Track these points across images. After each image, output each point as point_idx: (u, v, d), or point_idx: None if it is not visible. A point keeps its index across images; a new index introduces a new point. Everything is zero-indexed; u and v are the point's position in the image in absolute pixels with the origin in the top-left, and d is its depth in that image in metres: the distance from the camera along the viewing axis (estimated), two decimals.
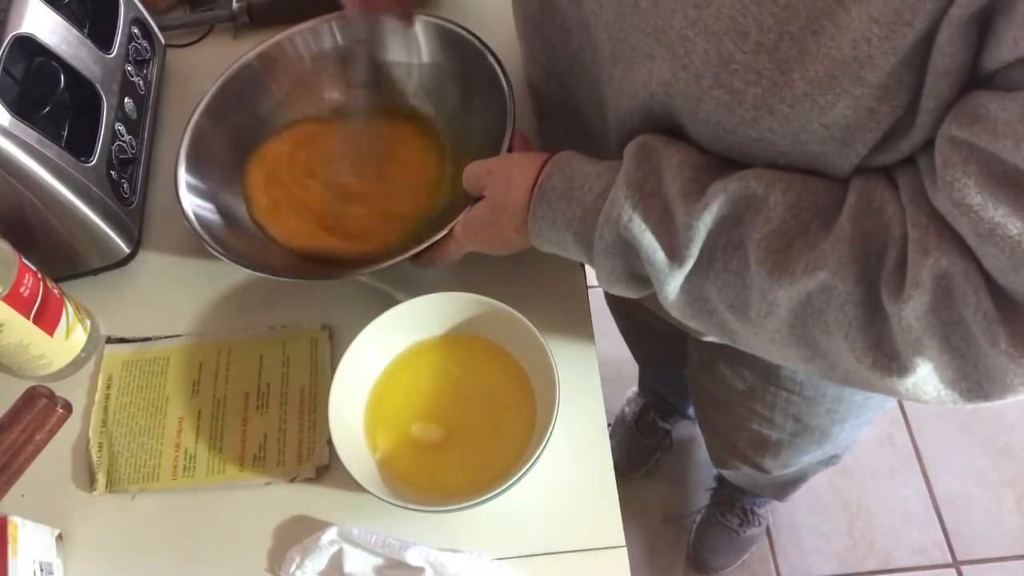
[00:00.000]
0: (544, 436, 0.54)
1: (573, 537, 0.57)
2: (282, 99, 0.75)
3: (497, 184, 0.56)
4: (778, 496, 1.27)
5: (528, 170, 0.54)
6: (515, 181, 0.55)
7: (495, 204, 0.56)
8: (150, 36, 0.80)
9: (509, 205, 0.55)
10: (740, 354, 0.73)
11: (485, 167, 0.58)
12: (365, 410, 0.61)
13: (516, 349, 0.61)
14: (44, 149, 0.61)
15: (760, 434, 0.88)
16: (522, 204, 0.54)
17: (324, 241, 0.68)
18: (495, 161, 0.58)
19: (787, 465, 0.99)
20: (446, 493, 0.57)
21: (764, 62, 0.39)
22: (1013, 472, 1.45)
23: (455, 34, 0.70)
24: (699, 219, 0.45)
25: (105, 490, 0.62)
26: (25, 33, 0.62)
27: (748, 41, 0.39)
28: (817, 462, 1.04)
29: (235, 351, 0.67)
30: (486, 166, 0.58)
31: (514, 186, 0.54)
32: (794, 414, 0.81)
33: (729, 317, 0.48)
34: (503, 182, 0.56)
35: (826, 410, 0.78)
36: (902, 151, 0.42)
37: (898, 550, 1.40)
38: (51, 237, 0.66)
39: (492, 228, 0.57)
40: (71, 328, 0.65)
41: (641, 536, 1.44)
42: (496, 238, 0.58)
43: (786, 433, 0.86)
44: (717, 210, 0.45)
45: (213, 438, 0.63)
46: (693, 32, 0.41)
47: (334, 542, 0.57)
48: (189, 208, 0.65)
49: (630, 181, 0.47)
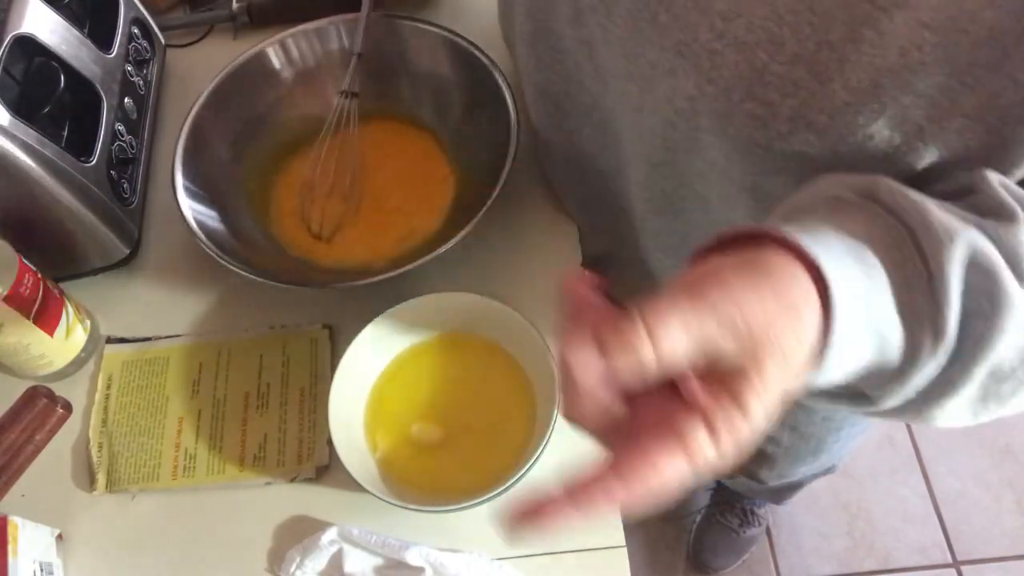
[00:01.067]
0: (544, 436, 0.54)
1: (573, 537, 0.57)
2: (281, 99, 0.75)
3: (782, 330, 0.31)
4: (775, 500, 1.28)
5: (795, 285, 0.31)
6: (794, 302, 0.31)
7: None
8: (150, 36, 0.80)
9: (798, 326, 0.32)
10: None
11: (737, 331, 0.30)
12: (365, 410, 0.61)
13: (516, 349, 0.61)
14: (44, 149, 0.61)
15: (756, 446, 0.88)
16: (812, 325, 0.31)
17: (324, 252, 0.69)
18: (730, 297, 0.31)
19: (782, 476, 0.99)
20: (446, 493, 0.57)
21: (801, 73, 0.38)
22: (1013, 472, 1.45)
23: (460, 47, 0.70)
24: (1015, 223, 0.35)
25: (105, 490, 0.62)
26: (25, 33, 0.62)
27: (784, 52, 0.38)
28: (813, 474, 1.04)
29: (235, 351, 0.67)
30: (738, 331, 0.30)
31: (796, 307, 0.31)
32: (791, 424, 0.80)
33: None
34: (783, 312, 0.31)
35: (822, 418, 0.78)
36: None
37: (898, 550, 1.40)
38: (51, 237, 0.66)
39: None
40: (71, 328, 0.65)
41: (641, 536, 1.44)
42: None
43: (782, 446, 0.85)
44: None
45: (213, 438, 0.63)
46: (721, 44, 0.39)
47: (334, 542, 0.57)
48: (187, 209, 0.65)
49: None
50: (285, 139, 0.75)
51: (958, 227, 0.34)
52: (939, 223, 0.34)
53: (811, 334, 0.30)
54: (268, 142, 0.74)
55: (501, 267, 0.68)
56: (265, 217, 0.72)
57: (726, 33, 0.39)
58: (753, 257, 0.31)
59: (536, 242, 0.69)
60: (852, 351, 0.32)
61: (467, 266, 0.67)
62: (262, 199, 0.73)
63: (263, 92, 0.74)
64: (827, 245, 0.32)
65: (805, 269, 0.31)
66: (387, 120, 0.75)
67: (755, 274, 0.30)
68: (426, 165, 0.73)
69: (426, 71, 0.73)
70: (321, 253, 0.70)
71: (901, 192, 0.36)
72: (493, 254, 0.68)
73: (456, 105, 0.73)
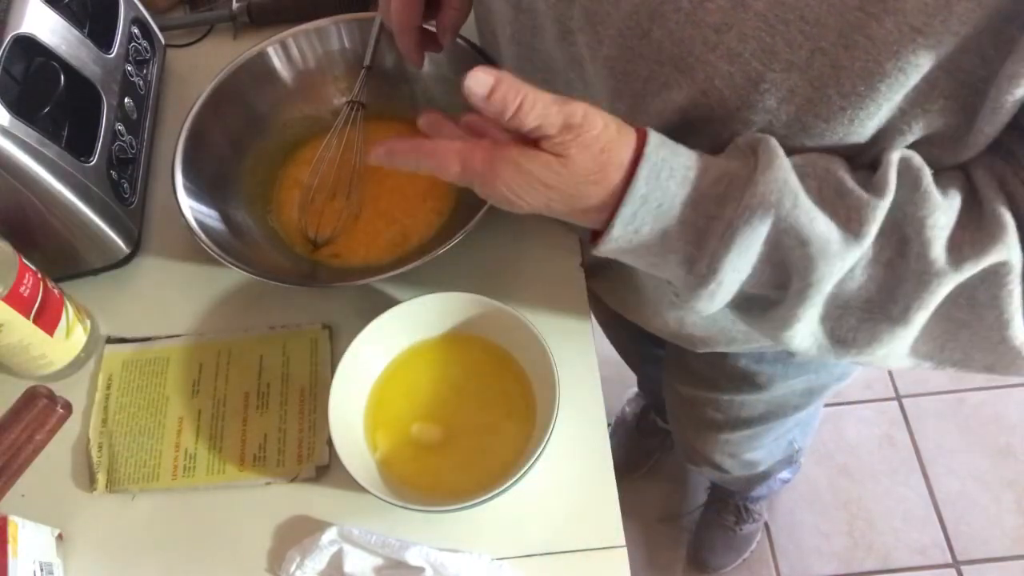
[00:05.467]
0: (544, 436, 0.54)
1: (573, 537, 0.57)
2: (281, 99, 0.75)
3: (588, 149, 0.41)
4: (746, 490, 1.29)
5: (627, 143, 0.41)
6: (614, 152, 0.41)
7: (581, 172, 0.41)
8: (150, 36, 0.80)
9: (605, 179, 0.41)
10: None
11: (566, 113, 0.41)
12: (365, 410, 0.61)
13: (516, 349, 0.61)
14: (44, 149, 0.61)
15: (712, 420, 0.91)
16: (617, 183, 0.41)
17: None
18: (580, 113, 0.41)
19: (745, 465, 1.04)
20: (446, 493, 0.57)
21: (796, 80, 0.38)
22: (1013, 472, 1.45)
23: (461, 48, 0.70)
24: (881, 199, 0.39)
25: (105, 490, 0.62)
26: (25, 33, 0.62)
27: (778, 60, 0.38)
28: (775, 460, 1.08)
29: (235, 351, 0.67)
30: (568, 113, 0.41)
31: (612, 159, 0.41)
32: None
33: (856, 321, 0.43)
34: (597, 150, 0.41)
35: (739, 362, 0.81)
36: (973, 150, 0.41)
37: (898, 550, 1.40)
38: (51, 237, 0.66)
39: (552, 192, 0.42)
40: (71, 328, 0.65)
41: (641, 536, 1.44)
42: (548, 199, 0.43)
43: (737, 417, 0.89)
44: (894, 188, 0.40)
45: (213, 438, 0.63)
46: (715, 56, 0.40)
47: (334, 542, 0.57)
48: (187, 209, 0.65)
49: (786, 164, 0.40)
50: (285, 138, 0.75)
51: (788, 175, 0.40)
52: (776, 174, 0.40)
53: (609, 171, 0.41)
54: (268, 142, 0.74)
55: (501, 267, 0.68)
56: (265, 217, 0.72)
57: (719, 45, 0.40)
58: None
59: (536, 242, 0.69)
60: (642, 215, 0.41)
61: (467, 266, 0.67)
62: (262, 199, 0.73)
63: (263, 92, 0.74)
64: (669, 143, 0.42)
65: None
66: (388, 121, 0.75)
67: (609, 125, 0.42)
68: None
69: (427, 72, 0.73)
70: (321, 253, 0.70)
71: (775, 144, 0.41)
72: (493, 254, 0.68)
73: (457, 106, 0.73)
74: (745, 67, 0.39)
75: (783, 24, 0.37)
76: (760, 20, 0.38)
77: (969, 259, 0.39)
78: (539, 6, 0.50)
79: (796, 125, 0.40)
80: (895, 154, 0.40)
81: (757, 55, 0.39)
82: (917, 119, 0.39)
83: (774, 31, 0.38)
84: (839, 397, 1.54)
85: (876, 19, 0.35)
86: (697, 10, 0.40)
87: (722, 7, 0.39)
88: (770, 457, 1.06)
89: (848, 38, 0.36)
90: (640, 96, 0.45)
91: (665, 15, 0.41)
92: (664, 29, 0.41)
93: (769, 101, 0.40)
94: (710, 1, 0.39)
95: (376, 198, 0.72)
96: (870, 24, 0.36)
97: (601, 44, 0.46)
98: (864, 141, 0.41)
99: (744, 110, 0.41)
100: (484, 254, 0.68)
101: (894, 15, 0.35)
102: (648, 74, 0.44)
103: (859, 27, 0.36)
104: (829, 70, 0.37)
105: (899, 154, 0.40)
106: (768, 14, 0.38)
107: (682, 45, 0.41)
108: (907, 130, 0.40)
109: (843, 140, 0.41)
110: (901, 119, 0.39)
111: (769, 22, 0.38)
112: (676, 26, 0.41)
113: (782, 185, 0.39)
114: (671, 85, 0.43)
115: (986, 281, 0.40)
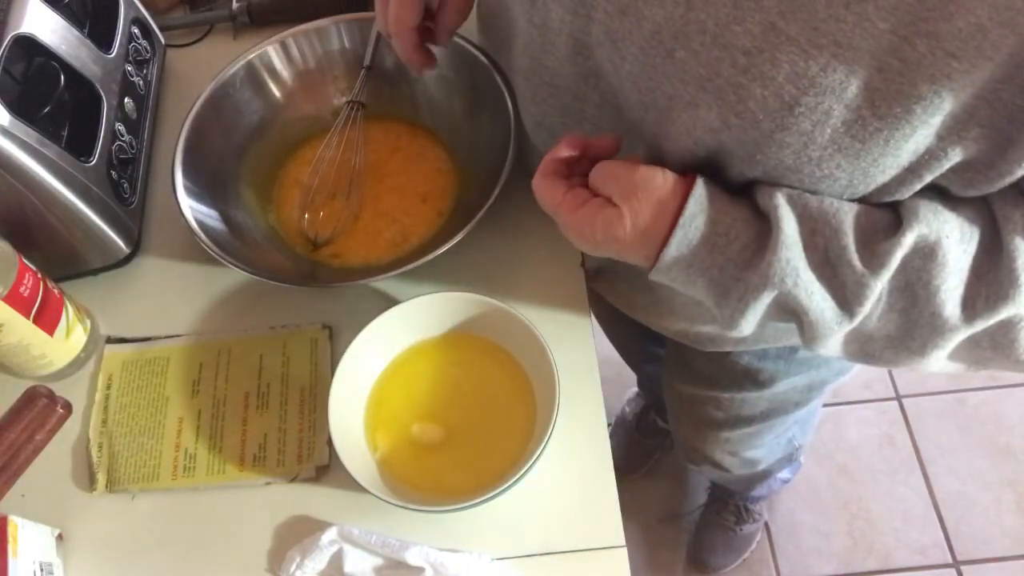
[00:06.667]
0: (544, 436, 0.54)
1: (573, 537, 0.57)
2: (281, 99, 0.75)
3: (641, 203, 0.47)
4: (746, 490, 1.29)
5: (672, 201, 0.46)
6: (663, 209, 0.46)
7: (634, 224, 0.47)
8: (150, 36, 0.80)
9: (650, 233, 0.47)
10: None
11: (617, 174, 0.48)
12: (365, 410, 0.61)
13: (516, 349, 0.61)
14: (44, 149, 0.61)
15: (713, 419, 0.91)
16: (661, 235, 0.47)
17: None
18: (629, 173, 0.47)
19: (746, 463, 1.03)
20: (446, 493, 0.57)
21: (832, 103, 0.38)
22: (1013, 472, 1.45)
23: (461, 49, 0.70)
24: (877, 279, 0.43)
25: (105, 490, 0.62)
26: (25, 33, 0.62)
27: (813, 85, 0.38)
28: (776, 459, 1.08)
29: (235, 351, 0.67)
30: (618, 174, 0.48)
31: (661, 215, 0.46)
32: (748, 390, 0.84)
33: (881, 347, 0.46)
34: (650, 205, 0.47)
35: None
36: (1003, 181, 0.41)
37: (898, 550, 1.40)
38: (51, 237, 0.66)
39: (608, 236, 0.48)
40: (71, 328, 0.65)
41: (641, 536, 1.44)
42: (600, 244, 0.49)
43: (738, 416, 0.89)
44: (895, 267, 0.43)
45: (213, 438, 0.63)
46: (746, 79, 0.39)
47: (334, 542, 0.57)
48: (187, 209, 0.65)
49: (798, 242, 0.43)
50: (285, 138, 0.75)
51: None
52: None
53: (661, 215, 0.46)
54: (268, 141, 0.74)
55: (501, 267, 0.68)
56: (265, 217, 0.72)
57: (750, 68, 0.39)
58: None
59: (536, 242, 0.69)
60: (687, 255, 0.46)
61: (467, 266, 0.67)
62: (262, 199, 0.73)
63: (263, 92, 0.74)
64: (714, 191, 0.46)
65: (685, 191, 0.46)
66: (388, 121, 0.75)
67: (661, 183, 0.47)
68: (427, 166, 0.73)
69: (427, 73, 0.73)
70: (321, 253, 0.70)
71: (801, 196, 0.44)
72: (493, 254, 0.68)
73: (457, 106, 0.73)
74: (779, 91, 0.39)
75: (816, 49, 0.37)
76: (793, 45, 0.37)
77: (982, 315, 0.42)
78: (552, 23, 0.50)
79: (832, 147, 0.40)
80: (910, 235, 0.42)
81: (791, 79, 0.38)
82: (954, 146, 0.39)
83: (807, 56, 0.37)
84: (839, 397, 1.54)
85: (908, 42, 0.35)
86: (724, 32, 0.39)
87: (751, 31, 0.38)
88: (770, 455, 1.06)
89: (881, 61, 0.36)
90: (666, 111, 0.45)
91: (689, 36, 0.41)
92: (688, 50, 0.41)
93: (804, 124, 0.39)
94: (738, 24, 0.39)
95: (376, 198, 0.72)
96: (903, 47, 0.35)
97: (624, 60, 0.45)
98: (900, 165, 0.41)
99: (779, 132, 0.40)
100: (484, 254, 0.68)
101: (927, 38, 0.35)
102: (672, 92, 0.43)
103: (892, 50, 0.36)
104: (864, 92, 0.37)
105: (915, 235, 0.42)
106: (800, 39, 0.37)
107: (709, 67, 0.41)
108: (943, 156, 0.39)
109: (878, 161, 0.40)
110: (938, 145, 0.39)
111: (802, 47, 0.37)
112: (701, 47, 0.40)
113: (784, 265, 0.43)
114: (698, 104, 0.42)
115: (1004, 326, 0.43)
